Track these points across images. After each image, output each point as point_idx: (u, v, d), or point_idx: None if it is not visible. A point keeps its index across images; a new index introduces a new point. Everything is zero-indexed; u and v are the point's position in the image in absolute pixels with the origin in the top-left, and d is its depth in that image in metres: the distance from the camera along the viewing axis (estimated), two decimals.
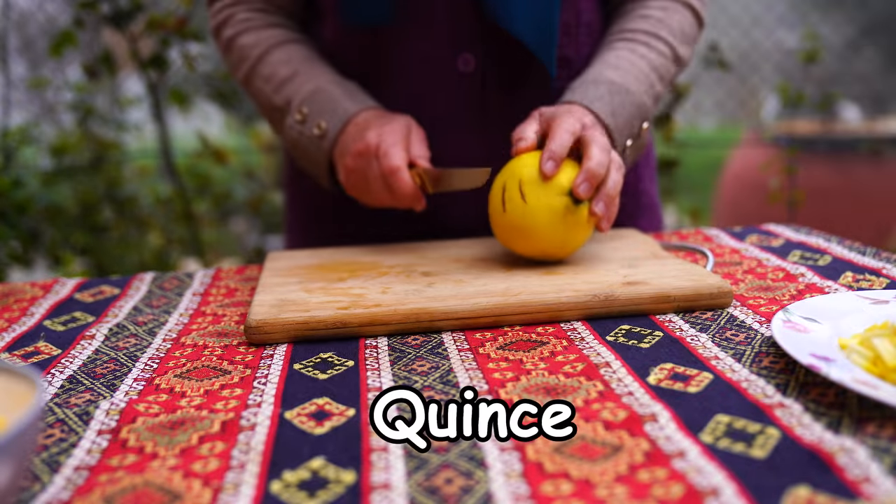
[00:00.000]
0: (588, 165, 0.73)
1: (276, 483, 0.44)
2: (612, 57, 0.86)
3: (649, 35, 0.88)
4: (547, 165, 0.74)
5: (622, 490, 0.41)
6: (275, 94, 0.89)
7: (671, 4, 0.91)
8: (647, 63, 0.87)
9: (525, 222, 0.75)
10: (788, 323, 0.58)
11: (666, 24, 0.89)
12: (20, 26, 2.74)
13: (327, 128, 0.85)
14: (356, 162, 0.82)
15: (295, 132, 0.88)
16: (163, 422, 0.52)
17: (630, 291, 0.68)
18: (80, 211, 2.53)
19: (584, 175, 0.73)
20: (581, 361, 0.58)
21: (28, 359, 0.65)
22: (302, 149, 0.88)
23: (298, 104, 0.87)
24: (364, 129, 0.82)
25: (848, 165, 3.40)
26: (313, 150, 0.87)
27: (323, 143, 0.85)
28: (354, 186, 0.84)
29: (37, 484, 0.45)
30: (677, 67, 0.91)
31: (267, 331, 0.65)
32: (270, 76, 0.89)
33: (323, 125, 0.85)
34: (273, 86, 0.89)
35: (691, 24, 0.93)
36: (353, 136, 0.83)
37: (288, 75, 0.89)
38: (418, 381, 0.57)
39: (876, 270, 0.77)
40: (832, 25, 3.44)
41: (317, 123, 0.85)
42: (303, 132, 0.87)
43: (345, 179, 0.84)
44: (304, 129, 0.87)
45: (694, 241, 0.94)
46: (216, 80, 2.51)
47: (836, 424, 0.47)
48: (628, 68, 0.85)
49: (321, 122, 0.85)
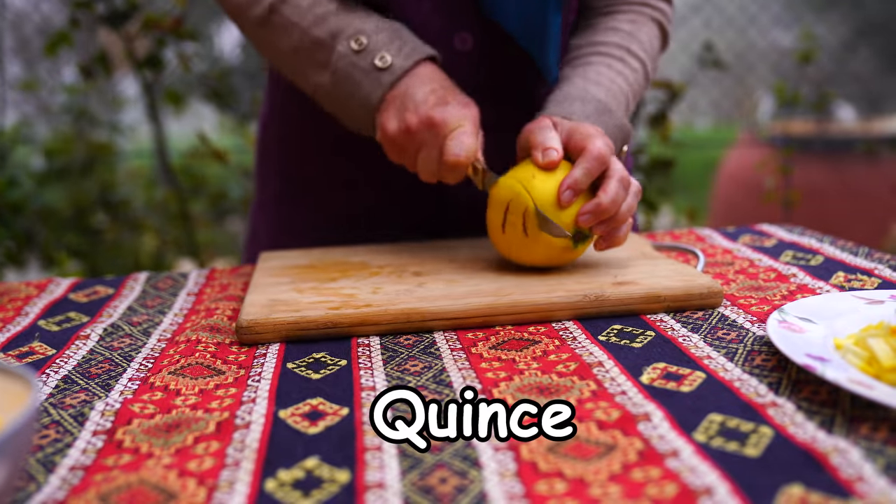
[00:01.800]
0: (601, 200, 0.71)
1: (271, 481, 0.44)
2: (592, 72, 0.83)
3: (622, 49, 0.86)
4: (565, 195, 0.71)
5: (616, 489, 0.41)
6: (316, 27, 0.80)
7: (639, 18, 0.89)
8: (624, 80, 0.84)
9: (522, 251, 0.75)
10: (784, 323, 0.58)
11: (636, 37, 0.87)
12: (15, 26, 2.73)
13: (393, 62, 0.77)
14: (423, 128, 0.75)
15: (347, 62, 0.78)
16: (158, 424, 0.52)
17: (620, 291, 0.69)
18: (74, 213, 2.53)
19: (593, 207, 0.71)
20: (574, 361, 0.59)
21: (23, 359, 0.65)
22: (352, 83, 0.79)
23: (354, 33, 0.78)
24: (444, 100, 0.76)
25: (843, 166, 3.41)
26: (367, 85, 0.78)
27: (384, 76, 0.77)
28: (399, 147, 0.79)
29: (32, 484, 0.45)
30: (646, 84, 0.89)
31: (258, 331, 0.65)
32: (309, 8, 0.80)
33: (388, 58, 0.77)
34: (314, 18, 0.80)
35: (657, 38, 0.91)
36: (427, 97, 0.76)
37: (332, 9, 0.80)
38: (411, 380, 0.57)
39: (868, 271, 0.77)
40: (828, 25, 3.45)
41: (380, 55, 0.77)
42: (357, 64, 0.78)
43: (394, 134, 0.77)
44: (359, 60, 0.78)
45: (686, 241, 0.94)
46: (211, 80, 2.50)
47: (829, 423, 0.47)
48: (609, 86, 0.82)
49: (385, 55, 0.77)
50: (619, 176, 0.71)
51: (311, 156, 0.96)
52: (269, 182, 1.02)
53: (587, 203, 0.71)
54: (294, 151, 0.98)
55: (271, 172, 1.02)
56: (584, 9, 0.92)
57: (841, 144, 3.52)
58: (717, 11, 3.16)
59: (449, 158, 0.74)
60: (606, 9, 0.90)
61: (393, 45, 0.78)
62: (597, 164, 0.71)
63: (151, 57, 2.23)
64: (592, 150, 0.71)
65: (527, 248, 0.74)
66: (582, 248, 0.74)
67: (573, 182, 0.71)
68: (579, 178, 0.71)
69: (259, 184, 1.05)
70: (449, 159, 0.74)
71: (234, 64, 2.97)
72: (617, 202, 0.71)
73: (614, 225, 0.72)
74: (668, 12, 0.92)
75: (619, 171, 0.72)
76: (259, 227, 1.04)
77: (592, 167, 0.71)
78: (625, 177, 0.72)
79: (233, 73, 2.61)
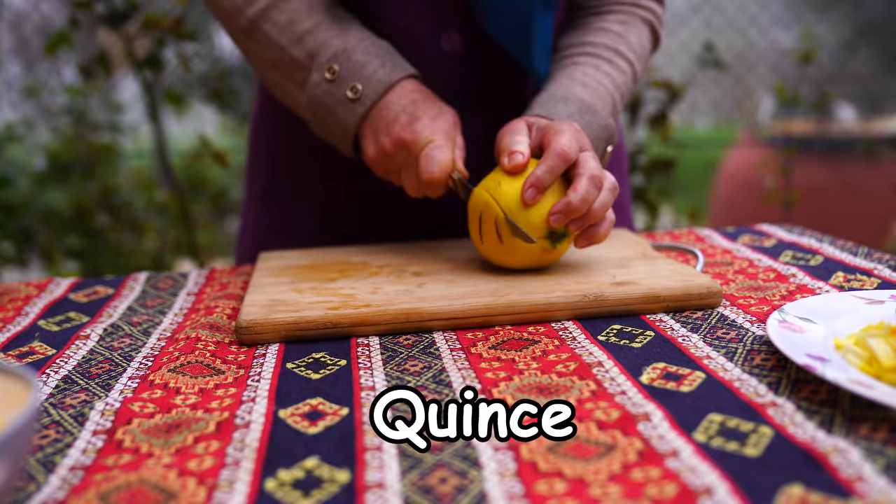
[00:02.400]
0: (570, 199, 0.70)
1: (271, 481, 0.44)
2: (579, 73, 0.83)
3: (610, 50, 0.86)
4: (528, 193, 0.71)
5: (616, 489, 0.41)
6: (293, 46, 0.80)
7: (630, 19, 0.89)
8: (611, 81, 0.84)
9: (503, 256, 0.75)
10: (784, 323, 0.58)
11: (625, 38, 0.87)
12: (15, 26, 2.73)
13: (363, 92, 0.78)
14: (396, 149, 0.77)
15: (321, 91, 0.80)
16: (158, 423, 0.52)
17: (620, 291, 0.69)
18: (75, 214, 2.53)
19: (563, 206, 0.70)
20: (573, 361, 0.59)
21: (23, 359, 0.65)
22: (327, 110, 0.81)
23: (327, 60, 0.79)
24: (413, 117, 0.77)
25: (843, 166, 3.41)
26: (341, 114, 0.80)
27: (356, 107, 0.79)
28: (382, 167, 0.80)
29: (32, 484, 0.45)
30: (634, 85, 0.89)
31: (258, 331, 0.65)
32: (288, 25, 0.80)
33: (358, 88, 0.78)
34: (291, 36, 0.80)
35: (648, 39, 0.90)
36: (398, 116, 0.77)
37: (311, 27, 0.80)
38: (411, 380, 0.57)
39: (867, 271, 0.77)
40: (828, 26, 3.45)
41: (351, 85, 0.78)
42: (331, 92, 0.79)
43: (374, 157, 0.79)
44: (333, 88, 0.79)
45: (686, 241, 0.94)
46: (212, 81, 2.50)
47: (829, 423, 0.47)
48: (595, 87, 0.82)
49: (356, 85, 0.78)
50: (590, 174, 0.70)
51: (298, 156, 0.97)
52: (258, 181, 1.02)
53: (557, 202, 0.71)
54: (281, 151, 0.98)
55: (259, 172, 1.02)
56: (574, 8, 0.92)
57: (841, 144, 3.52)
58: (717, 11, 3.16)
59: (423, 177, 0.75)
60: (597, 9, 0.90)
61: (365, 72, 0.79)
62: (559, 161, 0.70)
63: (151, 57, 2.23)
64: (555, 147, 0.70)
65: (506, 254, 0.74)
66: (562, 246, 0.74)
67: (535, 180, 0.70)
68: (541, 175, 0.70)
69: (248, 182, 1.05)
70: (423, 177, 0.76)
71: (234, 64, 2.97)
72: (587, 200, 0.70)
73: (588, 222, 0.72)
74: (659, 13, 0.92)
75: (589, 168, 0.71)
76: (247, 226, 1.04)
77: (555, 164, 0.70)
78: (596, 174, 0.71)
79: (233, 74, 2.61)
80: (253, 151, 1.03)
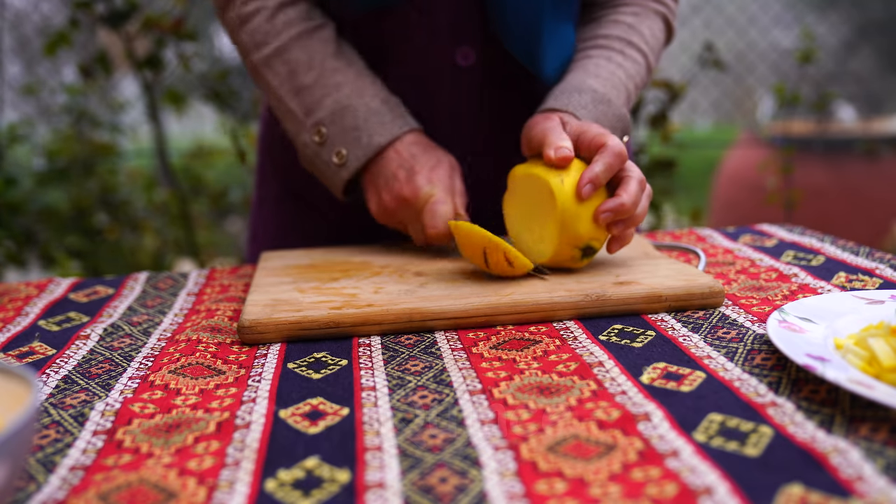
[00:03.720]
0: (623, 200, 0.70)
1: (271, 481, 0.44)
2: (592, 65, 0.84)
3: (623, 42, 0.86)
4: (586, 189, 0.70)
5: (616, 489, 0.41)
6: (291, 99, 0.83)
7: (643, 11, 0.89)
8: (624, 72, 0.85)
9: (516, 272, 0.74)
10: (784, 323, 0.58)
11: (637, 30, 0.88)
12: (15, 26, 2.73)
13: (348, 157, 0.80)
14: (398, 206, 0.80)
15: (310, 151, 0.83)
16: (158, 424, 0.52)
17: (622, 291, 0.69)
18: (75, 213, 2.53)
19: (616, 206, 0.70)
20: (574, 361, 0.59)
21: (23, 359, 0.65)
22: (316, 169, 0.84)
23: (317, 122, 0.81)
24: (412, 172, 0.79)
25: (844, 166, 3.41)
26: (329, 175, 0.83)
27: (341, 171, 0.81)
28: (386, 220, 0.83)
29: (32, 484, 0.45)
30: (648, 76, 0.90)
31: (260, 330, 0.65)
32: (288, 77, 0.83)
33: (343, 153, 0.80)
34: (290, 88, 0.83)
35: (661, 31, 0.91)
36: (396, 173, 0.79)
37: (309, 82, 0.82)
38: (412, 380, 0.57)
39: (869, 271, 0.77)
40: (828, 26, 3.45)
41: (336, 151, 0.81)
42: (319, 155, 0.82)
43: (377, 211, 0.82)
44: (321, 151, 0.82)
45: (687, 241, 0.94)
46: (211, 81, 2.50)
47: (829, 423, 0.47)
48: (608, 77, 0.83)
49: (341, 150, 0.80)
50: (639, 177, 0.72)
51: None
52: (270, 180, 1.03)
53: (609, 200, 0.71)
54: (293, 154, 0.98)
55: (272, 171, 1.02)
56: (588, 4, 0.93)
57: (841, 144, 3.52)
58: (717, 11, 3.16)
59: (429, 232, 0.78)
60: (610, 3, 0.91)
61: (348, 140, 0.80)
62: (617, 161, 0.71)
63: (151, 57, 2.23)
64: (613, 147, 0.70)
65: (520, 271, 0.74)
66: (586, 260, 0.74)
67: (594, 176, 0.70)
68: (599, 172, 0.70)
69: (259, 181, 1.05)
70: (430, 232, 0.78)
71: (234, 64, 2.97)
72: (636, 203, 0.71)
73: (630, 225, 0.72)
74: (671, 6, 0.92)
75: (637, 171, 0.72)
76: (258, 226, 1.04)
77: (613, 163, 0.70)
78: (643, 178, 0.72)
79: (233, 74, 2.61)
80: (264, 151, 1.04)
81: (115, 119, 2.87)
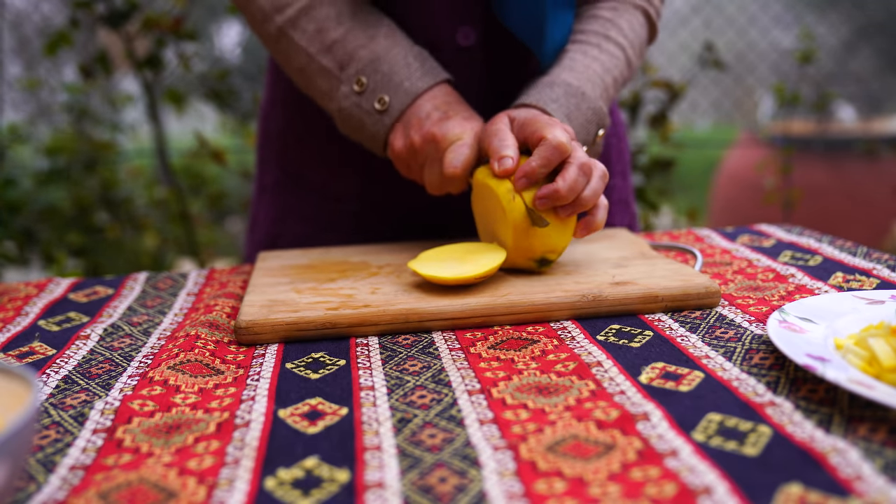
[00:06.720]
0: (558, 186, 0.70)
1: (271, 480, 0.44)
2: (567, 59, 0.83)
3: (599, 36, 0.85)
4: (520, 182, 0.71)
5: (615, 489, 0.41)
6: (322, 56, 0.81)
7: (620, 5, 0.88)
8: (600, 65, 0.84)
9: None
10: (784, 323, 0.58)
11: (615, 24, 0.87)
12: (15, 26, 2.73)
13: (391, 104, 0.80)
14: (424, 144, 0.78)
15: (350, 103, 0.81)
16: (158, 424, 0.52)
17: (618, 291, 0.69)
18: (76, 212, 2.53)
19: (549, 192, 0.70)
20: (572, 360, 0.59)
21: (23, 359, 0.65)
22: (356, 121, 0.82)
23: (355, 73, 0.80)
24: (446, 116, 0.78)
25: (843, 165, 3.41)
26: (370, 124, 0.81)
27: (384, 118, 0.80)
28: (406, 163, 0.82)
29: (32, 484, 0.45)
30: (629, 70, 0.89)
31: (257, 331, 0.65)
32: (316, 34, 0.81)
33: (386, 100, 0.80)
34: (321, 46, 0.81)
35: (642, 25, 0.90)
36: (430, 114, 0.79)
37: (339, 36, 0.81)
38: (410, 380, 0.57)
39: (866, 271, 0.77)
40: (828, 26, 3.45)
41: (379, 98, 0.80)
42: (360, 104, 0.81)
43: (400, 151, 0.80)
44: (361, 101, 0.81)
45: (685, 241, 0.94)
46: (211, 81, 2.51)
47: (827, 422, 0.47)
48: (582, 71, 0.82)
49: (384, 97, 0.80)
50: (579, 163, 0.71)
51: (310, 144, 0.97)
52: (269, 169, 1.03)
53: (544, 187, 0.70)
54: (293, 139, 0.98)
55: (271, 160, 1.03)
56: None
57: (841, 144, 3.52)
58: (717, 11, 3.16)
59: (447, 170, 0.76)
60: None
61: (392, 83, 0.80)
62: (555, 153, 0.70)
63: (151, 57, 2.23)
64: (552, 140, 0.70)
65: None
66: (545, 268, 0.75)
67: (529, 170, 0.70)
68: (536, 166, 0.70)
69: (259, 171, 1.06)
70: (447, 171, 0.76)
71: (234, 64, 2.98)
72: (575, 189, 0.70)
73: (578, 209, 0.72)
74: (654, 2, 0.91)
75: (578, 157, 0.71)
76: (259, 215, 1.05)
77: (551, 156, 0.70)
78: (585, 163, 0.71)
79: (233, 73, 2.61)
80: (264, 140, 1.04)
81: (116, 118, 2.87)
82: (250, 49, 2.97)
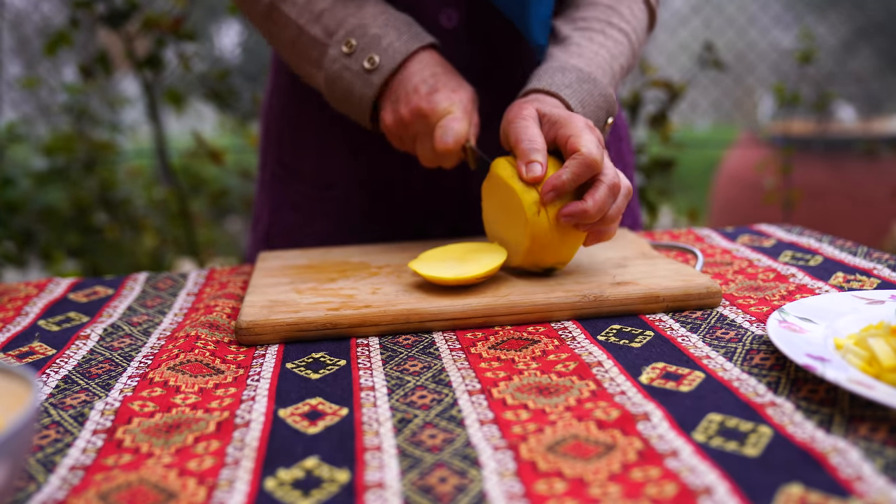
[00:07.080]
0: (587, 206, 0.68)
1: (271, 480, 0.44)
2: (573, 47, 0.82)
3: (602, 22, 0.84)
4: (548, 196, 0.69)
5: (616, 489, 0.41)
6: (311, 25, 0.82)
7: None
8: (607, 52, 0.83)
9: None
10: (784, 323, 0.58)
11: (616, 10, 0.86)
12: (15, 26, 2.73)
13: (380, 63, 0.79)
14: (414, 119, 0.78)
15: (339, 65, 0.81)
16: (158, 424, 0.52)
17: (619, 292, 0.69)
18: (74, 213, 2.53)
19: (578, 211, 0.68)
20: (573, 361, 0.59)
21: (23, 359, 0.65)
22: (345, 83, 0.81)
23: (345, 35, 0.80)
24: (433, 88, 0.78)
25: (843, 165, 3.41)
26: (359, 86, 0.80)
27: (373, 78, 0.79)
28: (398, 136, 0.81)
29: (32, 484, 0.45)
30: (634, 58, 0.87)
31: (257, 332, 0.65)
32: (306, 5, 0.82)
33: (376, 59, 0.79)
34: (309, 15, 0.82)
35: (642, 11, 0.89)
36: (417, 87, 0.78)
37: (328, 5, 0.82)
38: (410, 380, 0.57)
39: (867, 271, 0.77)
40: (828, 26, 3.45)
41: (368, 57, 0.79)
42: (349, 66, 0.80)
43: (391, 125, 0.80)
44: (350, 62, 0.80)
45: (685, 241, 0.94)
46: (211, 81, 2.51)
47: (828, 422, 0.47)
48: (591, 57, 0.81)
49: (373, 56, 0.79)
50: (610, 182, 0.69)
51: (303, 130, 0.98)
52: (268, 164, 1.04)
53: (573, 204, 0.68)
54: (288, 127, 0.99)
55: (269, 154, 1.03)
56: None
57: (841, 144, 3.52)
58: (717, 11, 3.16)
59: (438, 146, 0.76)
60: None
61: (382, 44, 0.80)
62: (587, 171, 0.68)
63: (151, 57, 2.23)
64: (586, 155, 0.67)
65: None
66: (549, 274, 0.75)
67: (559, 184, 0.68)
68: (566, 181, 0.68)
69: (261, 163, 1.06)
70: (438, 147, 0.76)
71: (234, 64, 2.98)
72: (603, 209, 0.69)
73: (598, 227, 0.71)
74: None
75: (609, 175, 0.69)
76: (261, 207, 1.05)
77: (583, 173, 0.68)
78: (615, 183, 0.69)
79: (233, 73, 2.61)
80: (265, 133, 1.05)
81: (115, 118, 2.87)
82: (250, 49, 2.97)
